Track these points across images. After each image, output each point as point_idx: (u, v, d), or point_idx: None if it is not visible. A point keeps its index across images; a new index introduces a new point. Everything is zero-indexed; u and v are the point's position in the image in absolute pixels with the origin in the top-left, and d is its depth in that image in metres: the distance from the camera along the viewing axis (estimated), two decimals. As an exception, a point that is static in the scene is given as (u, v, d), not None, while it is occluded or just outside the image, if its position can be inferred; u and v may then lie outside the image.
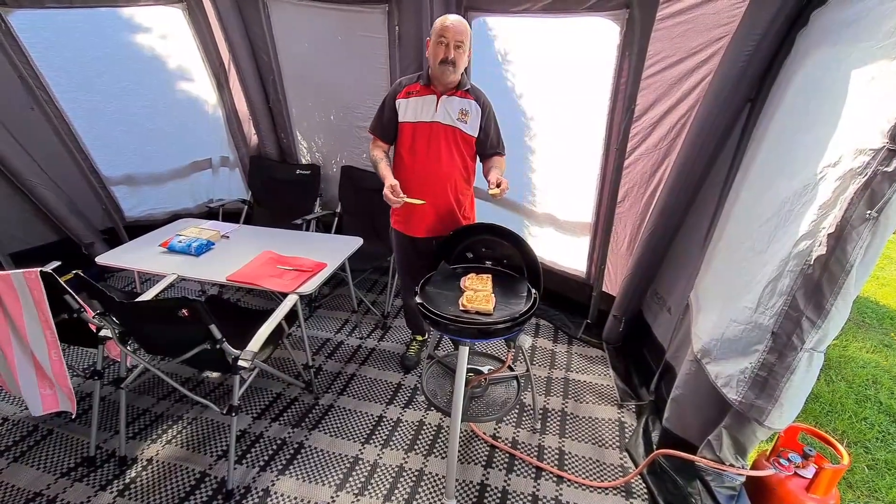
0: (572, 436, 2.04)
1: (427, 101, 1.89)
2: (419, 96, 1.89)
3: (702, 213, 1.97)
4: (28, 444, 1.96)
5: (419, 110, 1.89)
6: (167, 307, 1.60)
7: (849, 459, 1.43)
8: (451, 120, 1.89)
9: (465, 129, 1.91)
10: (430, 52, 1.82)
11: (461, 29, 1.76)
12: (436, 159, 1.91)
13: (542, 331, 2.80)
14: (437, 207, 1.99)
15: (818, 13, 1.36)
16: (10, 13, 2.53)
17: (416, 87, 1.91)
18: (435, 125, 1.89)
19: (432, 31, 1.80)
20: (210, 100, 3.27)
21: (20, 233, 2.94)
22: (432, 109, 1.88)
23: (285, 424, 2.08)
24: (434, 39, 1.79)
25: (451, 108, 1.88)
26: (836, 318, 1.10)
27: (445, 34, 1.75)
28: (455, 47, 1.76)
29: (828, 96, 1.18)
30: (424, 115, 1.89)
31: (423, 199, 1.90)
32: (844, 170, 1.04)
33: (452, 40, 1.75)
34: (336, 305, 3.04)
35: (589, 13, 2.05)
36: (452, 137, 1.91)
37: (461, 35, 1.76)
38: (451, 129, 1.90)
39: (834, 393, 2.41)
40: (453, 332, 1.58)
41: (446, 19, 1.77)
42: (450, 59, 1.77)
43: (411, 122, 1.91)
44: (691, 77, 1.84)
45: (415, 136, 1.91)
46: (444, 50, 1.76)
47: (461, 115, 1.89)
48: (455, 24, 1.76)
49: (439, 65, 1.79)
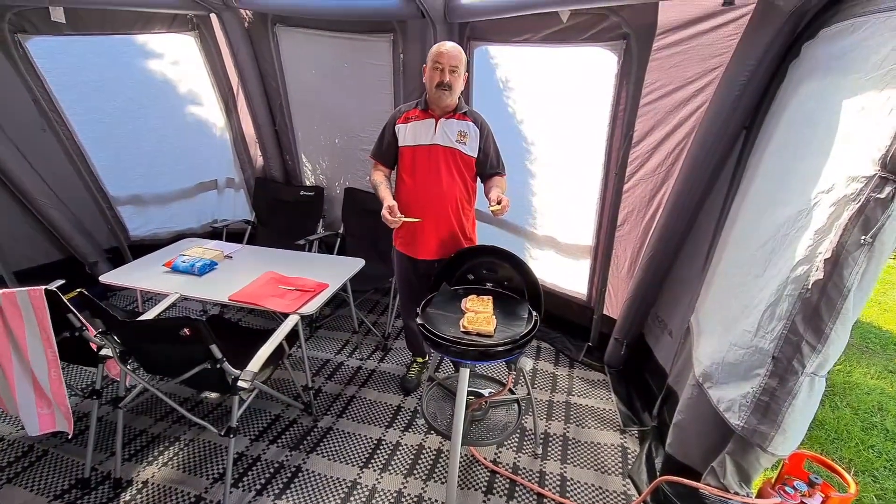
0: (574, 461, 2.00)
1: (426, 124, 1.94)
2: (418, 121, 1.95)
3: (701, 236, 1.99)
4: (23, 465, 1.94)
5: (418, 134, 1.94)
6: (169, 326, 1.61)
7: (856, 488, 1.40)
8: (450, 142, 1.93)
9: (464, 150, 1.95)
10: (427, 77, 1.89)
11: (455, 54, 1.83)
12: (436, 180, 1.95)
13: (543, 353, 2.79)
14: (438, 229, 2.01)
15: (809, 45, 1.41)
16: (29, 39, 2.62)
17: (415, 113, 1.96)
18: (434, 147, 1.93)
19: (428, 57, 1.87)
20: (218, 123, 3.35)
21: (26, 251, 2.97)
22: (431, 132, 1.93)
23: (283, 447, 2.06)
24: (430, 65, 1.86)
25: (450, 130, 1.93)
26: (836, 343, 1.10)
27: (440, 59, 1.82)
28: (450, 71, 1.83)
29: (820, 125, 1.21)
30: (423, 139, 1.94)
31: (426, 220, 1.93)
32: (838, 196, 1.07)
33: (447, 65, 1.82)
34: (337, 326, 3.03)
35: (587, 44, 2.12)
36: (452, 158, 1.95)
37: (455, 60, 1.83)
38: (451, 150, 1.94)
39: (839, 420, 2.38)
40: (454, 353, 1.58)
41: (442, 45, 1.84)
42: (445, 83, 1.84)
43: (411, 146, 1.95)
44: (688, 105, 1.89)
45: (415, 159, 1.96)
46: (439, 74, 1.83)
47: (460, 136, 1.94)
48: (449, 50, 1.83)
49: (436, 88, 1.85)
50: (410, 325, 2.34)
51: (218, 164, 3.47)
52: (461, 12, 2.39)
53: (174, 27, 2.94)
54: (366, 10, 2.54)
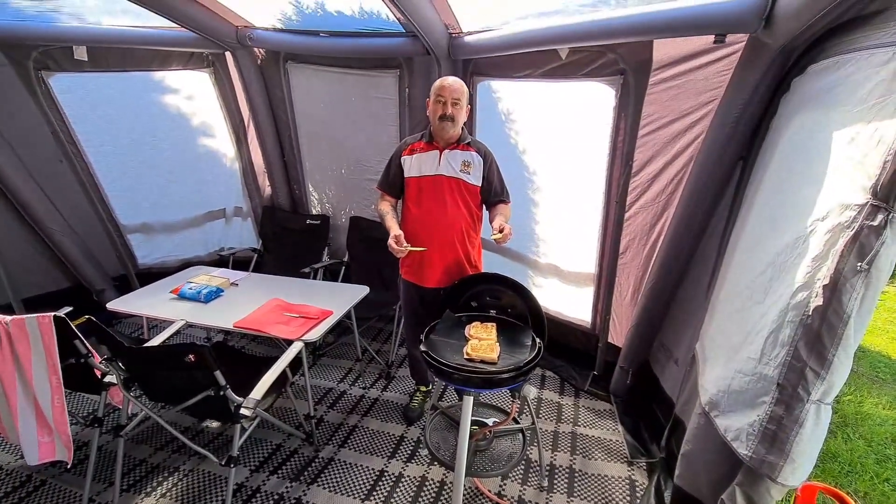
0: (581, 495, 1.95)
1: (430, 156, 2.00)
2: (423, 152, 2.01)
3: (703, 264, 2.00)
4: (20, 496, 1.91)
5: (423, 165, 2.00)
6: (174, 352, 1.62)
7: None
8: (455, 172, 1.98)
9: (468, 180, 2.00)
10: (430, 110, 1.96)
11: (457, 87, 1.90)
12: (441, 210, 1.99)
13: (547, 382, 2.76)
14: (444, 257, 2.04)
15: (798, 80, 1.46)
16: (52, 76, 2.75)
17: (420, 145, 2.03)
18: (438, 178, 1.98)
19: (431, 91, 1.95)
20: (228, 153, 3.44)
21: (35, 278, 3.02)
22: (436, 163, 1.99)
23: (284, 478, 2.02)
24: (433, 98, 1.93)
25: (454, 160, 1.99)
26: (839, 370, 1.10)
27: (443, 93, 1.89)
28: (452, 104, 1.90)
29: (813, 155, 1.25)
30: (428, 170, 1.99)
31: (431, 248, 1.96)
32: (833, 224, 1.09)
33: (449, 98, 1.89)
34: (340, 354, 3.02)
35: (586, 79, 2.20)
36: (457, 188, 2.00)
37: (457, 93, 1.90)
38: (455, 180, 1.99)
39: (852, 452, 2.32)
40: (457, 380, 1.58)
41: (444, 80, 1.92)
42: (448, 115, 1.90)
43: (416, 177, 2.01)
44: (685, 136, 1.95)
45: (420, 189, 2.01)
46: (441, 107, 1.90)
47: (464, 166, 1.99)
48: (451, 84, 1.90)
49: (439, 121, 1.92)
50: (414, 353, 2.34)
51: (227, 193, 3.55)
52: (464, 50, 2.49)
53: (190, 64, 3.08)
54: (374, 47, 2.66)
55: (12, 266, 2.87)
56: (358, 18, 2.53)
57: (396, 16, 2.24)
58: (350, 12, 2.48)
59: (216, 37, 2.77)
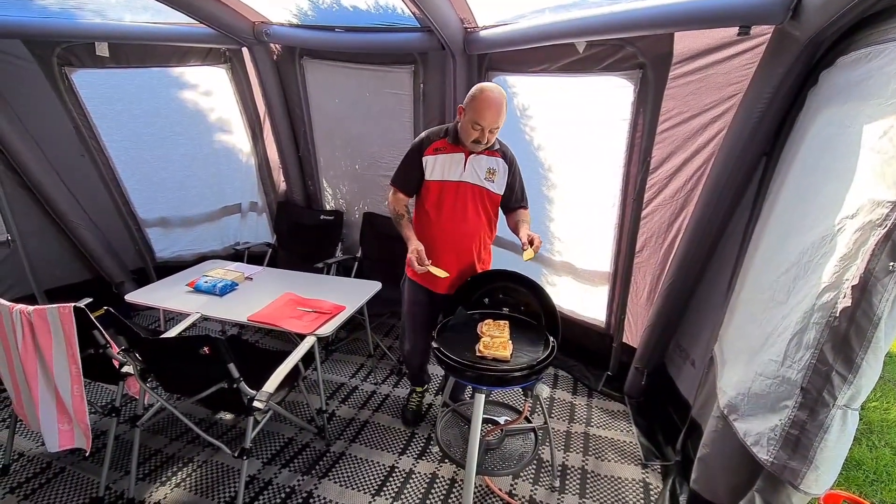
0: (594, 496, 1.92)
1: (455, 159, 1.85)
2: (447, 153, 1.86)
3: (723, 264, 1.95)
4: (40, 482, 1.96)
5: (447, 169, 1.86)
6: (189, 344, 1.63)
7: (898, 534, 1.31)
8: (479, 179, 1.87)
9: (492, 189, 1.89)
10: (463, 125, 1.78)
11: (498, 114, 1.70)
12: (462, 218, 1.89)
13: (560, 382, 2.72)
14: (461, 263, 1.96)
15: (827, 73, 1.41)
16: (74, 72, 2.80)
17: (444, 144, 1.87)
18: (462, 185, 1.86)
19: (469, 106, 1.72)
20: (245, 149, 3.48)
21: (57, 270, 3.09)
22: (460, 168, 1.85)
23: (295, 471, 2.03)
24: (469, 119, 1.73)
25: (479, 167, 1.87)
26: (867, 374, 1.06)
27: (482, 122, 1.70)
28: (490, 132, 1.75)
29: (841, 151, 1.20)
30: (452, 175, 1.86)
31: (448, 255, 1.89)
32: (863, 222, 1.04)
33: (488, 128, 1.72)
34: (352, 350, 3.03)
35: (604, 73, 2.16)
36: (479, 197, 1.89)
37: (497, 121, 1.72)
38: (479, 188, 1.88)
39: (878, 460, 2.24)
40: (469, 378, 1.57)
41: (487, 105, 1.68)
42: (483, 141, 1.77)
43: (439, 181, 1.87)
44: (705, 132, 1.90)
45: (441, 195, 1.88)
46: (478, 134, 1.74)
47: (489, 174, 1.88)
48: (493, 112, 1.69)
49: (472, 143, 1.78)
50: (408, 356, 2.27)
51: (242, 188, 3.59)
52: (480, 45, 2.47)
53: (208, 60, 3.11)
54: (389, 42, 2.65)
55: (36, 258, 2.95)
56: (373, 13, 2.52)
57: (412, 10, 2.23)
58: (365, 7, 2.48)
59: (233, 32, 2.80)
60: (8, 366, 1.77)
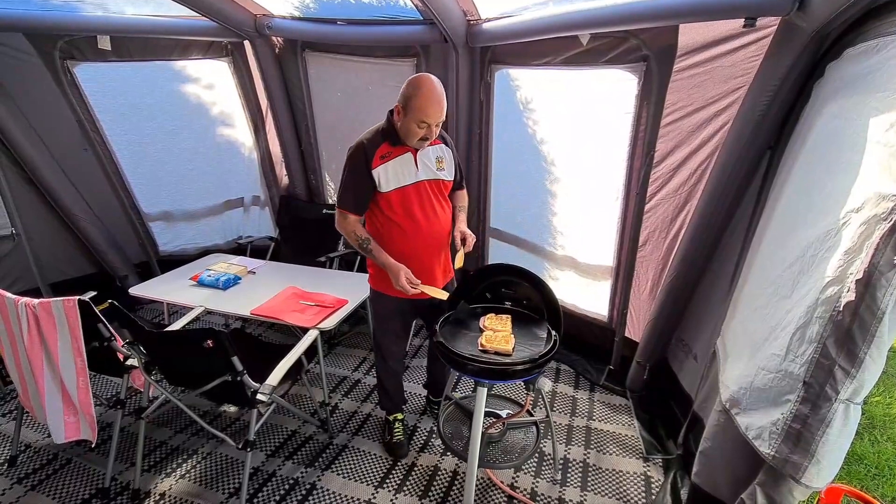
0: (595, 489, 1.93)
1: (404, 160, 1.72)
2: (394, 158, 1.71)
3: (726, 258, 1.94)
4: (46, 473, 1.98)
5: (400, 174, 1.71)
6: (193, 337, 1.64)
7: (899, 527, 1.32)
8: (432, 172, 1.78)
9: (445, 177, 1.83)
10: (405, 125, 1.64)
11: (441, 107, 1.61)
12: (434, 218, 1.80)
13: (562, 376, 2.73)
14: (441, 261, 1.91)
15: (834, 65, 1.39)
16: (77, 66, 2.80)
17: (387, 149, 1.70)
18: (420, 184, 1.75)
19: (410, 105, 1.60)
20: (247, 143, 3.48)
21: (62, 264, 3.11)
22: (413, 169, 1.73)
23: (298, 463, 2.05)
24: (412, 118, 1.60)
25: (429, 160, 1.77)
26: (871, 368, 1.05)
27: (428, 118, 1.60)
28: (436, 126, 1.65)
29: (847, 143, 1.19)
30: (408, 178, 1.73)
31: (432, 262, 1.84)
32: (868, 215, 1.03)
33: (435, 123, 1.63)
34: (354, 343, 3.04)
35: (607, 66, 2.14)
36: (437, 189, 1.82)
37: (441, 114, 1.63)
38: (435, 182, 1.79)
39: (880, 455, 2.24)
40: (472, 371, 1.57)
41: (429, 101, 1.58)
42: (431, 137, 1.67)
43: (397, 189, 1.72)
44: (710, 125, 1.88)
45: (405, 202, 1.74)
46: (425, 131, 1.63)
47: (438, 163, 1.80)
48: (438, 104, 1.60)
49: (418, 142, 1.68)
50: (387, 375, 2.10)
51: (245, 182, 3.59)
52: (482, 37, 2.45)
53: (210, 53, 3.10)
54: (391, 35, 2.64)
55: (40, 252, 2.96)
56: (375, 5, 2.51)
57: (414, 2, 2.21)
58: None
59: (235, 25, 2.78)
60: (14, 359, 1.79)
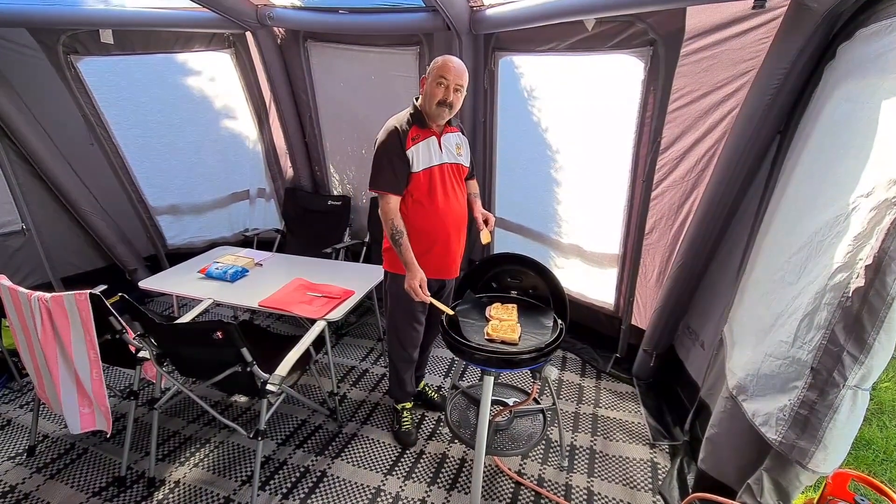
0: (602, 475, 1.95)
1: (430, 143, 1.81)
2: (422, 140, 1.80)
3: (734, 245, 1.93)
4: (64, 462, 2.03)
5: (428, 155, 1.81)
6: (203, 329, 1.66)
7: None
8: (453, 157, 1.87)
9: (464, 163, 1.91)
10: (427, 90, 1.75)
11: (461, 72, 1.72)
12: (454, 199, 1.88)
13: (569, 364, 2.74)
14: (462, 244, 1.96)
15: (845, 47, 1.36)
16: (80, 60, 2.80)
17: (416, 131, 1.79)
18: (443, 166, 1.84)
19: (431, 69, 1.74)
20: (251, 135, 3.47)
21: (72, 258, 3.14)
22: (438, 151, 1.82)
23: (309, 452, 2.09)
24: (433, 79, 1.72)
25: (450, 145, 1.86)
26: (879, 354, 1.05)
27: (447, 75, 1.70)
28: (455, 90, 1.73)
29: (858, 127, 1.17)
30: (434, 159, 1.81)
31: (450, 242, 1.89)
32: (878, 200, 1.02)
33: (453, 83, 1.71)
34: (362, 334, 3.07)
35: (613, 51, 2.11)
36: (457, 174, 1.90)
37: (461, 78, 1.72)
38: (456, 166, 1.88)
39: (888, 440, 2.24)
40: (478, 360, 1.58)
41: (448, 60, 1.72)
42: (448, 102, 1.73)
43: (426, 169, 1.80)
44: (717, 110, 1.86)
45: (430, 182, 1.82)
46: (443, 91, 1.71)
47: (457, 149, 1.88)
48: (457, 67, 1.72)
49: (437, 106, 1.73)
50: (402, 363, 2.09)
51: (250, 174, 3.60)
52: (486, 24, 2.42)
53: (212, 45, 3.09)
54: (393, 23, 2.61)
55: (51, 246, 3.00)
56: (377, -7, 2.48)
57: (416, -11, 2.19)
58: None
59: (236, 16, 2.77)
60: (29, 352, 1.82)
